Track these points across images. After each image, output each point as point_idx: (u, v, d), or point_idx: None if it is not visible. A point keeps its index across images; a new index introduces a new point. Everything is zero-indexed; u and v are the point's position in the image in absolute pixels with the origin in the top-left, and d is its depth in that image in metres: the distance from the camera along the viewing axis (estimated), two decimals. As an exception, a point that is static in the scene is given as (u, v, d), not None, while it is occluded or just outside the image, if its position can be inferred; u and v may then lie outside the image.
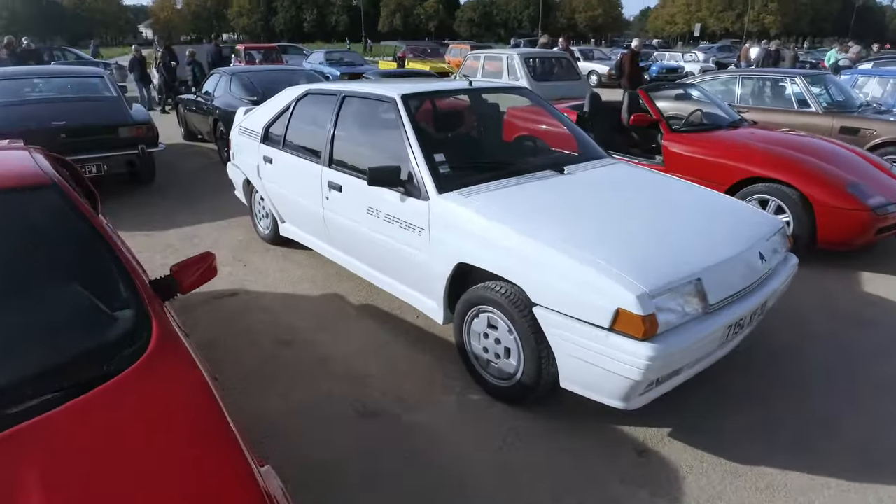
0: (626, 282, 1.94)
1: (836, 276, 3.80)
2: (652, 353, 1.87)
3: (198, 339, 2.95)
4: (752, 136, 4.64)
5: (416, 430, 2.29)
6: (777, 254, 2.55)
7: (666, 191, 2.82)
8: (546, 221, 2.28)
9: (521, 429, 2.30)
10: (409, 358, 2.80)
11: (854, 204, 3.75)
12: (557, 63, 9.36)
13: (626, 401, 2.04)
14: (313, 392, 2.53)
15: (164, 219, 4.93)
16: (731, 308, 2.15)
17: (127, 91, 7.21)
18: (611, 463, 2.12)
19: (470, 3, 79.49)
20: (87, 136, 4.88)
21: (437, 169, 2.62)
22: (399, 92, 2.92)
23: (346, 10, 72.50)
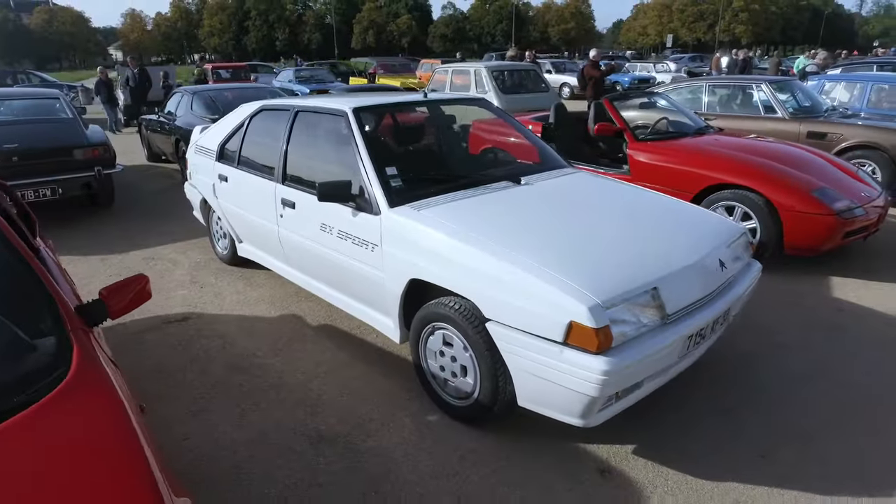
0: (578, 293, 1.87)
1: (805, 282, 3.79)
2: (607, 367, 1.80)
3: (145, 366, 2.83)
4: (717, 142, 4.67)
5: (371, 457, 2.18)
6: (739, 260, 2.52)
7: (624, 199, 2.78)
8: (497, 233, 2.21)
9: (480, 450, 2.20)
10: (367, 380, 2.69)
11: (819, 208, 3.76)
12: (525, 75, 9.42)
13: (584, 418, 1.96)
14: (264, 420, 2.41)
15: (123, 241, 4.76)
16: (690, 318, 2.09)
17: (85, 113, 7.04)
18: (574, 484, 2.03)
19: (443, 18, 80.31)
20: (40, 159, 4.71)
21: (389, 182, 2.54)
22: (351, 105, 2.84)
23: (319, 28, 72.65)
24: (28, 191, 4.64)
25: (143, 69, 11.47)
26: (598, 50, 10.02)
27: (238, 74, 13.45)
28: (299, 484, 2.05)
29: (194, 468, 2.13)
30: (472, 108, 3.74)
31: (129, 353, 2.97)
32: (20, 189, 4.61)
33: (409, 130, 3.24)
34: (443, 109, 3.47)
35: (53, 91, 5.88)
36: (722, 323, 2.34)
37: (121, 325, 3.27)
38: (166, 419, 2.43)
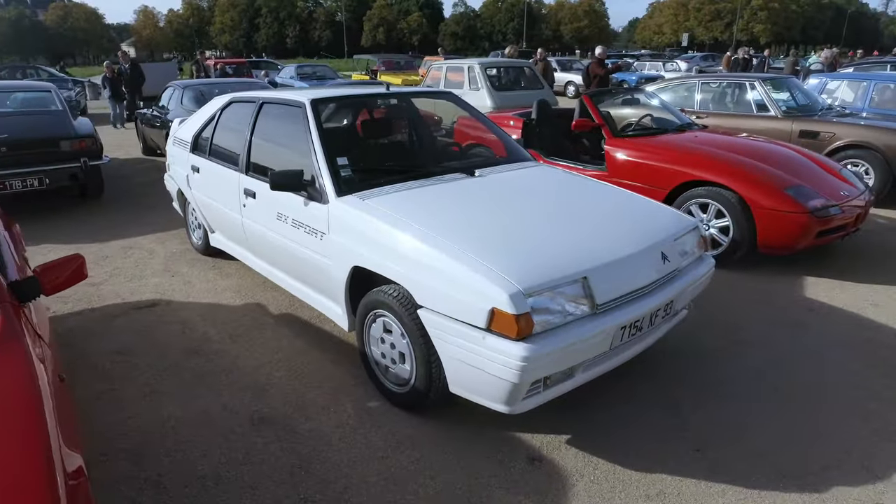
0: (501, 280, 1.89)
1: (778, 281, 3.78)
2: (526, 354, 1.83)
3: (109, 348, 2.90)
4: (696, 139, 4.65)
5: (307, 439, 2.22)
6: (687, 255, 2.53)
7: (576, 192, 2.79)
8: (434, 222, 2.24)
9: (415, 436, 2.23)
10: (317, 366, 2.73)
11: (792, 206, 3.74)
12: (521, 73, 9.41)
13: (509, 404, 1.98)
14: (211, 402, 2.46)
15: (107, 231, 4.85)
16: (622, 309, 2.10)
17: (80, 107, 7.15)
18: (501, 471, 2.06)
19: (454, 16, 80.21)
20: (27, 150, 4.81)
21: (339, 172, 2.58)
22: (309, 97, 2.89)
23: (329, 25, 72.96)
24: (16, 181, 4.75)
25: (136, 64, 11.49)
26: (603, 48, 9.98)
27: (240, 70, 13.55)
28: (233, 461, 2.10)
29: (135, 446, 2.19)
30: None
31: (97, 335, 3.05)
32: (8, 179, 4.73)
33: (368, 123, 3.27)
34: (409, 102, 3.49)
35: (46, 84, 5.99)
36: (664, 316, 2.35)
37: (94, 310, 3.35)
38: (119, 399, 2.49)
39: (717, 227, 4.02)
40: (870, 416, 2.37)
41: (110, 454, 2.15)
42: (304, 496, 1.94)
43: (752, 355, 2.84)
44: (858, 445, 2.19)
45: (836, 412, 2.40)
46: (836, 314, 3.33)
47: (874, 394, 2.53)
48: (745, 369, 2.71)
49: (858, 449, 2.17)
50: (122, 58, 11.42)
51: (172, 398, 2.49)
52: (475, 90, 8.60)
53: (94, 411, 2.41)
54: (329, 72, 15.34)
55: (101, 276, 3.84)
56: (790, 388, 2.57)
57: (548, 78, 10.41)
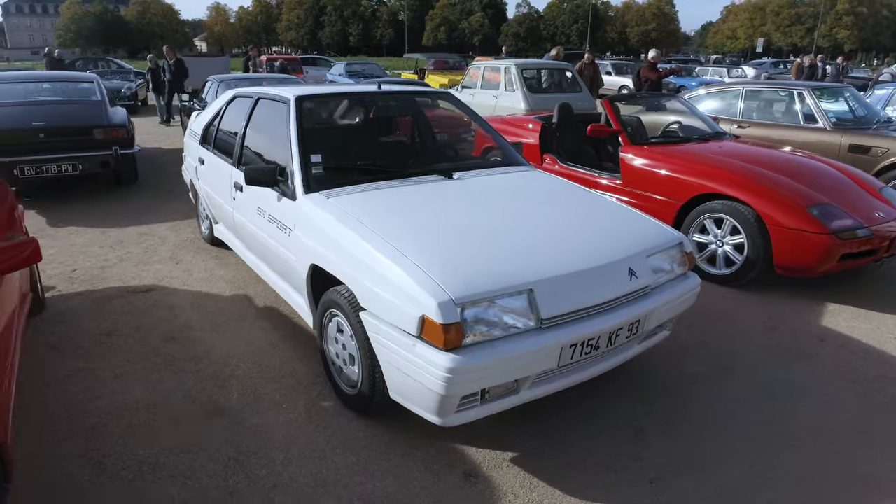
0: (433, 288, 1.84)
1: (792, 305, 3.52)
2: (451, 366, 1.76)
3: (98, 329, 3.03)
4: (719, 150, 4.39)
5: (252, 433, 2.24)
6: (664, 272, 2.38)
7: (555, 200, 2.68)
8: (388, 224, 2.21)
9: (358, 439, 2.21)
10: (285, 362, 2.75)
11: (813, 226, 3.45)
12: (560, 75, 9.21)
13: (440, 416, 1.93)
14: (175, 388, 2.53)
15: (130, 217, 5.08)
16: (572, 326, 1.99)
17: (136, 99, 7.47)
18: (433, 483, 2.00)
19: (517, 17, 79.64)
20: (63, 137, 5.12)
21: (310, 169, 2.59)
22: (295, 93, 2.92)
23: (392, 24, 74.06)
24: (52, 165, 5.06)
25: (180, 60, 11.36)
26: (657, 51, 9.63)
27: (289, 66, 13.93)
28: (175, 449, 2.14)
29: (94, 425, 2.27)
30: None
31: (90, 315, 3.20)
32: (45, 164, 5.04)
33: (354, 121, 3.27)
34: (402, 102, 3.47)
35: (90, 76, 6.37)
36: (629, 336, 2.22)
37: (95, 291, 3.52)
38: (92, 378, 2.60)
39: (731, 244, 3.78)
40: (859, 464, 2.15)
41: (72, 431, 2.24)
42: (231, 490, 1.95)
43: (738, 385, 2.64)
44: (841, 497, 1.98)
45: (819, 456, 2.18)
46: (851, 346, 3.05)
47: (870, 438, 2.29)
48: (725, 400, 2.52)
49: (841, 501, 1.97)
50: (168, 54, 11.28)
51: (140, 381, 2.57)
52: (511, 92, 8.49)
53: (66, 388, 2.52)
54: (377, 70, 15.55)
55: (112, 259, 4.03)
56: (772, 424, 2.36)
57: (596, 82, 10.14)
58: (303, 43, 73.10)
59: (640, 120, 5.31)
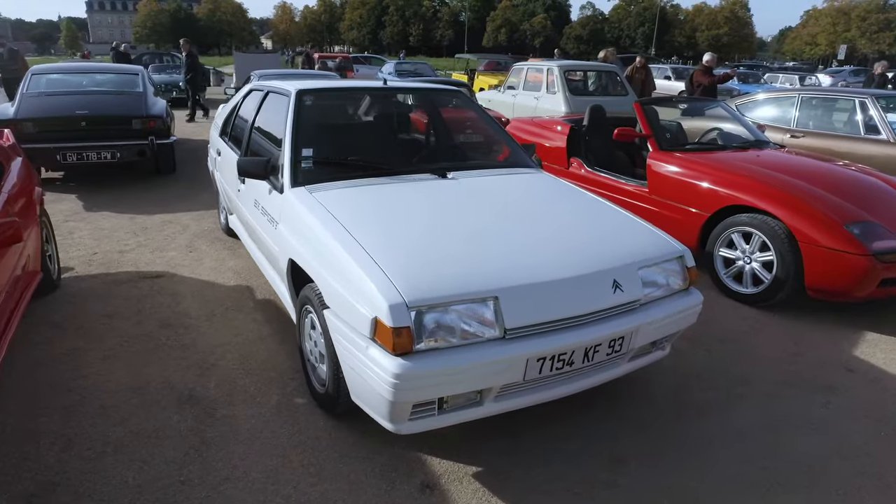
0: (388, 289, 1.76)
1: (824, 332, 3.22)
2: (398, 371, 1.68)
3: (102, 311, 3.13)
4: (756, 159, 4.08)
5: (220, 424, 2.23)
6: (659, 286, 2.21)
7: (550, 205, 2.54)
8: (361, 222, 2.14)
9: (322, 439, 2.16)
10: (270, 355, 2.74)
11: (850, 245, 3.14)
12: (607, 78, 8.92)
13: (392, 423, 1.84)
14: (157, 374, 2.56)
15: (160, 205, 5.26)
16: (540, 338, 1.86)
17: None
18: (387, 491, 1.92)
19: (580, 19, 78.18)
20: (103, 125, 5.37)
21: (299, 163, 2.56)
22: (297, 87, 2.91)
23: (452, 24, 74.29)
24: (92, 153, 5.32)
25: (192, 54, 10.57)
26: (713, 55, 9.17)
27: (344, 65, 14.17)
28: (142, 434, 2.16)
29: (73, 403, 2.32)
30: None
31: (99, 297, 3.31)
32: (86, 151, 5.30)
33: (354, 116, 3.23)
34: (406, 98, 3.40)
35: (136, 68, 6.67)
36: (611, 354, 2.06)
37: (109, 275, 3.65)
38: (83, 358, 2.67)
39: (760, 260, 3.50)
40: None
41: (50, 408, 2.31)
42: (184, 479, 1.94)
43: (743, 417, 2.41)
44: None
45: (818, 500, 1.96)
46: (884, 381, 2.75)
47: (885, 495, 2.01)
48: (724, 433, 2.30)
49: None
50: (183, 47, 10.50)
51: (126, 364, 2.62)
52: (552, 94, 8.29)
53: (58, 366, 2.60)
54: (427, 69, 15.59)
55: (132, 245, 4.18)
56: (769, 465, 2.13)
57: (647, 86, 9.77)
58: (364, 42, 74.54)
59: (680, 125, 5.04)
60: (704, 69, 8.71)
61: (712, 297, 3.68)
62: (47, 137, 5.18)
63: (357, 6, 76.36)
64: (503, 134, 3.23)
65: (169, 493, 1.88)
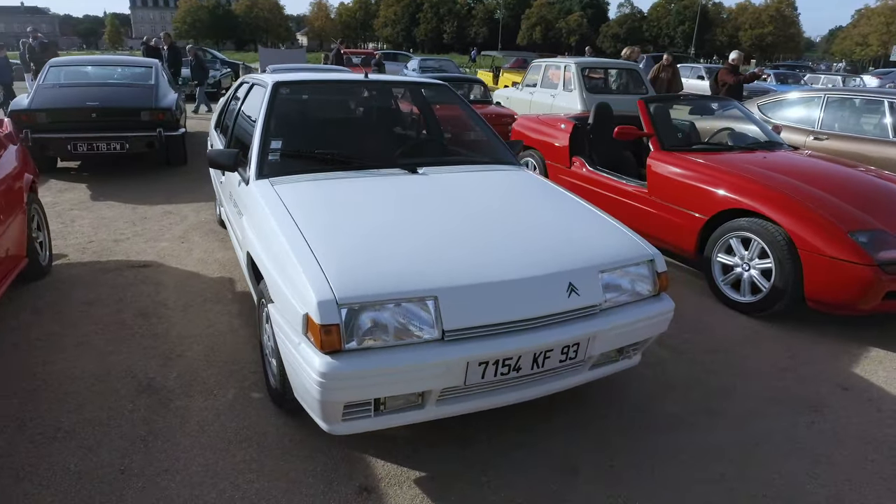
0: (321, 285, 1.71)
1: (822, 344, 3.05)
2: (325, 370, 1.63)
3: (84, 298, 3.17)
4: (763, 160, 3.89)
5: (171, 415, 2.22)
6: (623, 292, 2.10)
7: (520, 203, 2.45)
8: (317, 216, 2.10)
9: (269, 434, 2.13)
10: (237, 348, 2.73)
11: (853, 254, 2.94)
12: (628, 76, 8.70)
13: (326, 422, 1.80)
14: (122, 362, 2.58)
15: (164, 195, 5.34)
16: (482, 341, 1.78)
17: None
18: (324, 492, 1.87)
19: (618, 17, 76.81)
20: (112, 117, 5.50)
21: (266, 155, 2.54)
22: (275, 79, 2.89)
23: (486, 22, 73.93)
24: (102, 143, 5.45)
25: (174, 47, 10.71)
26: (739, 53, 8.86)
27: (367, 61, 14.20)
28: (94, 421, 2.17)
29: (35, 388, 2.36)
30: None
31: (84, 284, 3.37)
32: (96, 141, 5.43)
33: (333, 109, 3.19)
34: (385, 92, 3.35)
35: (151, 61, 6.80)
36: (563, 360, 1.96)
37: (98, 262, 3.71)
38: (56, 343, 2.72)
39: (759, 268, 3.32)
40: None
41: (14, 392, 2.34)
42: (124, 468, 1.94)
43: (719, 433, 2.27)
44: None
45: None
46: (881, 401, 2.56)
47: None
48: (694, 449, 2.17)
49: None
50: (165, 40, 10.57)
51: (95, 352, 2.65)
52: (569, 91, 8.12)
53: (32, 351, 2.65)
54: (451, 66, 15.50)
55: (128, 234, 4.25)
56: (739, 483, 2.00)
57: (674, 86, 9.49)
58: (398, 39, 74.94)
59: (693, 125, 4.86)
60: (730, 68, 8.40)
61: (708, 304, 3.52)
62: (59, 128, 5.33)
63: (391, 3, 76.74)
64: (487, 130, 3.14)
65: (106, 482, 1.88)
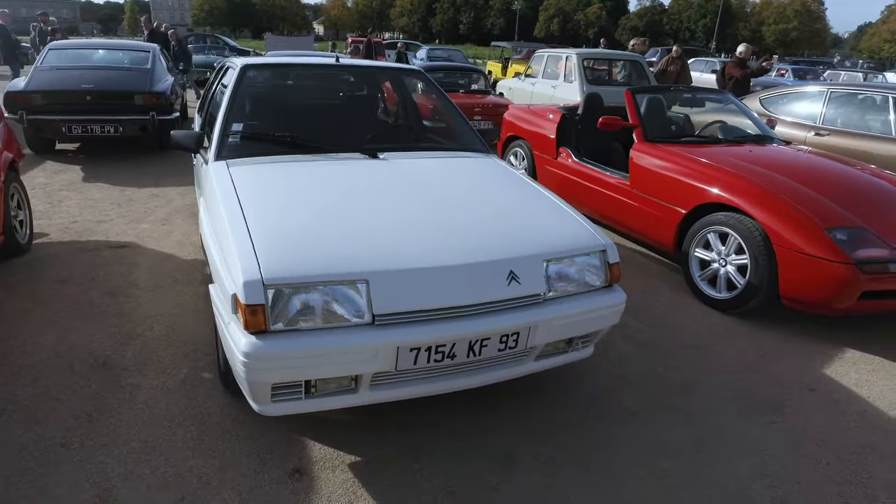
0: (250, 265, 1.70)
1: (794, 343, 2.98)
2: (247, 350, 1.63)
3: (58, 276, 3.22)
4: (748, 154, 3.81)
5: (120, 392, 2.25)
6: (571, 281, 2.07)
7: (477, 191, 2.42)
8: (264, 198, 2.09)
9: (211, 416, 2.14)
10: (199, 329, 2.75)
11: (829, 252, 2.86)
12: (631, 68, 8.56)
13: (256, 403, 1.81)
14: (82, 339, 2.61)
15: (153, 178, 5.36)
16: (413, 327, 1.77)
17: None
18: (256, 471, 1.88)
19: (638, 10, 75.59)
20: (106, 100, 5.55)
21: (227, 136, 2.54)
22: (245, 62, 2.89)
23: (504, 13, 73.21)
24: (96, 126, 5.51)
25: (155, 32, 10.54)
26: (747, 46, 8.68)
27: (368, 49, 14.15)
28: (44, 395, 2.20)
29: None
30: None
31: (60, 263, 3.42)
32: (90, 124, 5.48)
33: (301, 93, 3.18)
34: (355, 77, 3.33)
35: (149, 45, 6.84)
36: (502, 349, 1.94)
37: (78, 242, 3.76)
38: (23, 319, 2.76)
39: (735, 263, 3.26)
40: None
41: (-28, 364, 2.39)
42: (64, 441, 1.97)
43: (674, 429, 2.23)
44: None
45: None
46: (848, 403, 2.49)
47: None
48: (643, 446, 2.13)
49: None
50: (145, 26, 10.42)
51: (59, 328, 2.69)
52: (569, 82, 8.03)
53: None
54: (459, 56, 15.40)
55: (112, 215, 4.30)
56: (684, 481, 1.97)
57: (682, 79, 9.33)
58: (413, 29, 74.55)
59: (688, 118, 4.78)
60: (738, 61, 8.23)
61: (684, 300, 3.47)
62: (54, 110, 5.40)
63: (408, -7, 76.31)
64: (457, 117, 3.11)
65: (45, 455, 1.91)
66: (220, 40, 17.58)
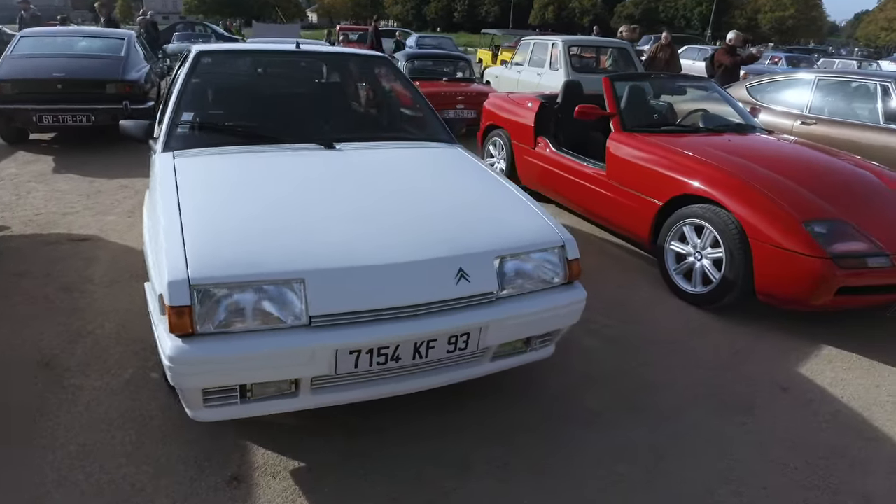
0: (176, 264, 1.61)
1: (768, 339, 2.91)
2: (172, 354, 1.55)
3: (15, 269, 3.12)
4: (727, 144, 3.71)
5: (64, 393, 2.16)
6: (527, 279, 1.99)
7: (432, 183, 2.32)
8: (204, 192, 2.00)
9: (153, 419, 2.06)
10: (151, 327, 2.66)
11: (805, 245, 2.77)
12: (619, 55, 8.43)
13: (189, 408, 1.72)
14: (32, 336, 2.52)
15: (124, 170, 5.16)
16: (354, 328, 1.68)
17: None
18: (189, 482, 1.79)
19: (634, -1, 74.92)
20: (78, 88, 5.41)
21: (175, 126, 2.44)
22: (199, 48, 2.77)
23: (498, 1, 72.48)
24: (68, 115, 5.37)
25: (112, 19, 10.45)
26: (737, 33, 8.55)
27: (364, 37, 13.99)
28: (-17, 398, 2.12)
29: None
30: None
31: (20, 257, 3.32)
32: (62, 113, 5.34)
33: (256, 81, 3.07)
34: (315, 64, 3.21)
35: (125, 32, 6.67)
36: (452, 350, 1.85)
37: (40, 235, 3.66)
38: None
39: (711, 257, 3.18)
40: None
41: (-84, 364, 2.29)
42: (6, 441, 1.89)
43: (638, 431, 2.16)
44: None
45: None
46: (821, 403, 2.42)
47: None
48: (607, 447, 2.06)
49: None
50: (100, 11, 10.31)
51: (10, 325, 2.60)
52: (555, 70, 7.89)
53: (-55, 322, 2.60)
54: (449, 44, 15.16)
55: (78, 207, 4.19)
56: (643, 488, 1.90)
57: (672, 67, 9.21)
58: (407, 17, 73.67)
59: (671, 106, 4.67)
60: (728, 48, 8.12)
61: (660, 295, 3.39)
62: (25, 99, 5.26)
63: (402, -20, 75.30)
64: (424, 106, 3.00)
65: (-23, 461, 1.83)
66: (208, 28, 17.32)
